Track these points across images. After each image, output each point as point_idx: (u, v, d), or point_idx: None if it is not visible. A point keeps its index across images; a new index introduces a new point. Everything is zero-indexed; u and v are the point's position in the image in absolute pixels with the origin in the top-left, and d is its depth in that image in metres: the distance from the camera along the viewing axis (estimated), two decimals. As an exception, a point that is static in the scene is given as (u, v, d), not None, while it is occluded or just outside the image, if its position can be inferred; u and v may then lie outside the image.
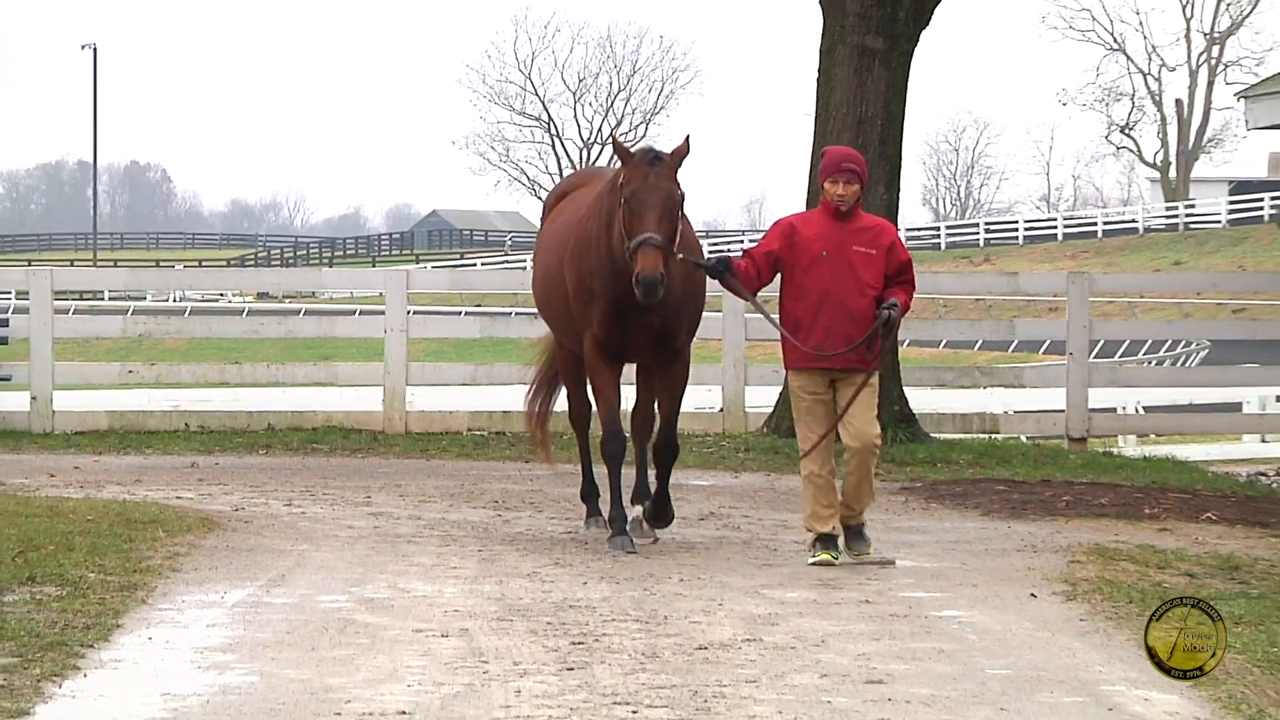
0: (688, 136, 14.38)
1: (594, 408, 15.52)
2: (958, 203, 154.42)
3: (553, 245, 15.45)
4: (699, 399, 25.07)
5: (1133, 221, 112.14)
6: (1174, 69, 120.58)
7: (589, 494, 15.91)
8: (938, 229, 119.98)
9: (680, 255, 13.96)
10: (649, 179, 13.88)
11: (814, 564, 13.92)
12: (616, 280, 14.18)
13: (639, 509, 15.26)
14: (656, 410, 15.35)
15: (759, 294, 14.45)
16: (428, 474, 19.87)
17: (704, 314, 15.57)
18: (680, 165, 14.18)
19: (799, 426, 14.17)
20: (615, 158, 14.37)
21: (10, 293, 44.86)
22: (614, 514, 14.87)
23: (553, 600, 12.85)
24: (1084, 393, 24.61)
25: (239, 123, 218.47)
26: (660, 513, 15.15)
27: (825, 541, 14.01)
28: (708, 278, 14.69)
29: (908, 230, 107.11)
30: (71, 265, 79.78)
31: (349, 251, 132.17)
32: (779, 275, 14.25)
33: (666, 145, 14.63)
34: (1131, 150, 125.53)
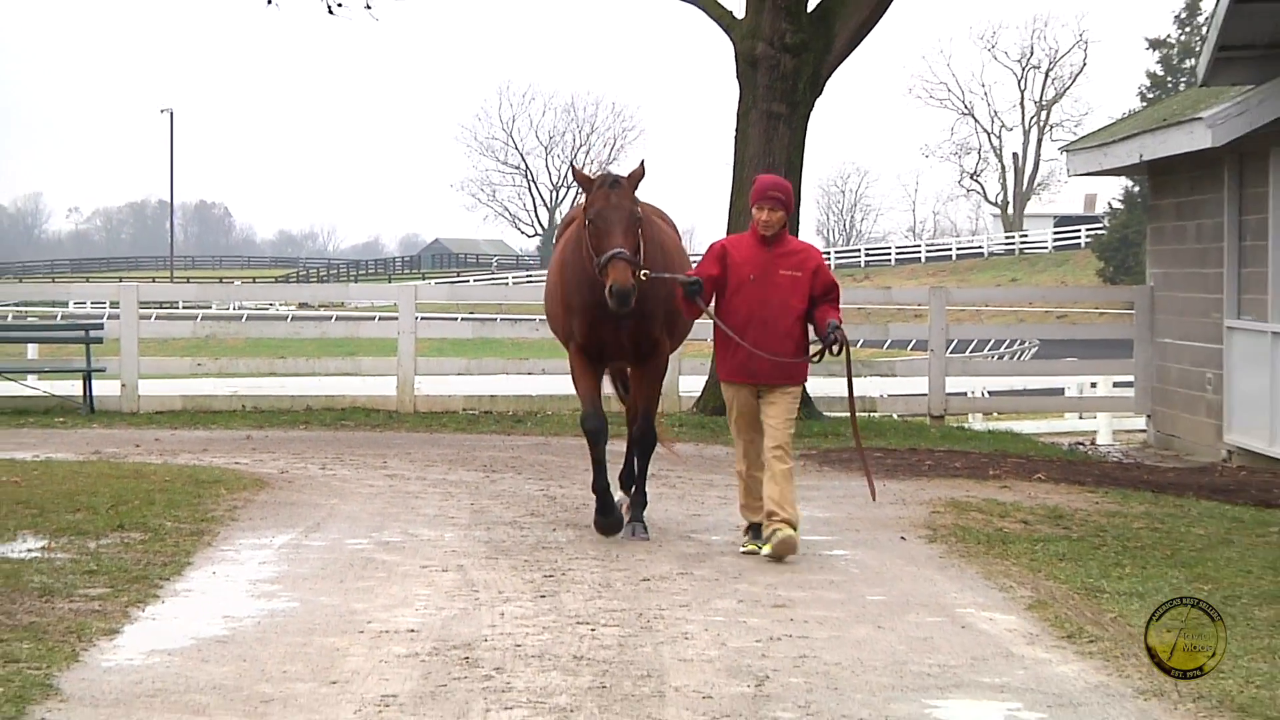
0: (642, 161, 12.71)
1: (602, 411, 13.29)
2: (844, 233, 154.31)
3: (551, 268, 13.75)
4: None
5: (979, 248, 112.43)
6: (1011, 129, 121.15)
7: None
8: (828, 254, 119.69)
9: (648, 272, 12.14)
10: (610, 200, 12.23)
11: (745, 552, 12.19)
12: (591, 294, 12.44)
13: (625, 496, 13.41)
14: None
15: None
16: (431, 444, 19.82)
17: None
18: (637, 186, 12.49)
19: (733, 431, 12.49)
20: (577, 185, 12.75)
21: (105, 303, 44.63)
22: (597, 483, 12.97)
23: (529, 542, 12.83)
24: (942, 380, 24.70)
25: (284, 169, 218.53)
26: (638, 499, 13.23)
27: (755, 531, 12.21)
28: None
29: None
30: (153, 281, 79.40)
31: (370, 271, 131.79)
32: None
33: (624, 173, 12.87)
34: (978, 192, 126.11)
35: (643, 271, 12.10)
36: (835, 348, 11.96)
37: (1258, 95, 20.73)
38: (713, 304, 12.42)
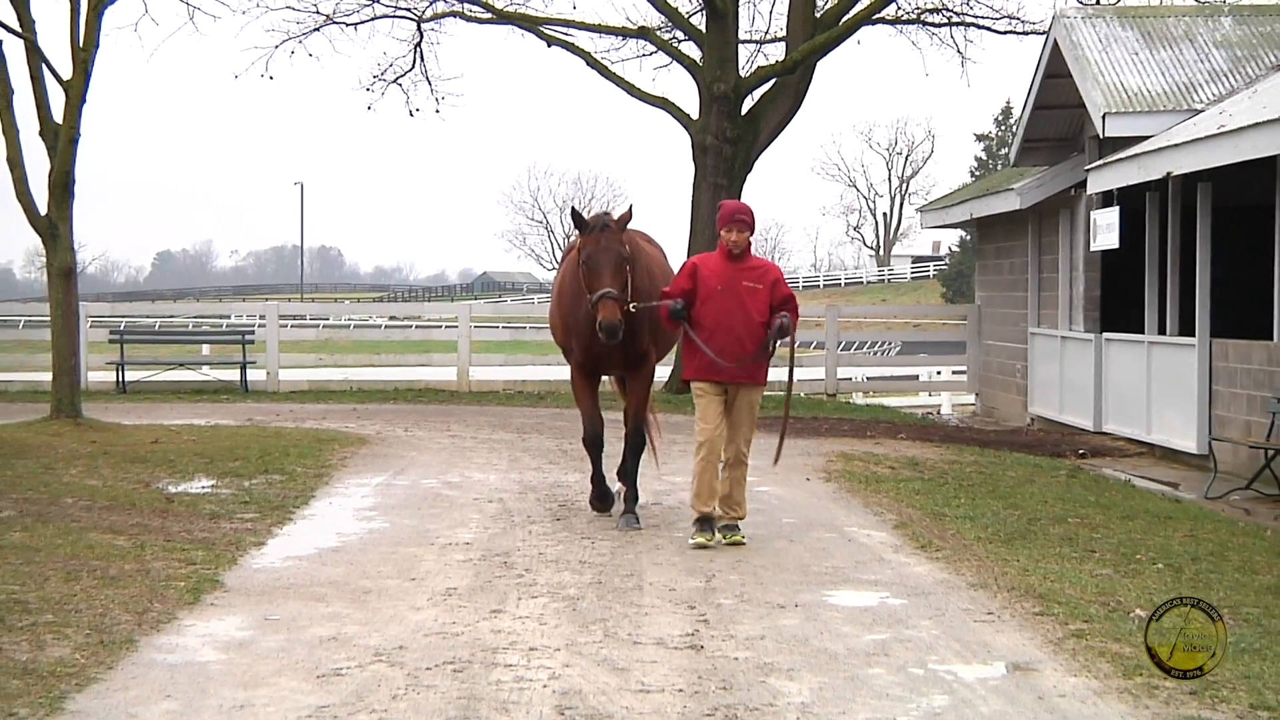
0: (630, 206, 10.36)
1: (600, 423, 10.97)
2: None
3: (555, 291, 11.35)
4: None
5: (860, 278, 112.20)
6: (882, 196, 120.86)
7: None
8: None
9: (635, 305, 10.06)
10: (600, 243, 10.03)
11: (694, 546, 9.71)
12: (589, 321, 10.20)
13: (621, 486, 11.09)
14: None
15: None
16: (481, 414, 19.80)
17: None
18: (625, 228, 10.21)
19: (698, 418, 9.99)
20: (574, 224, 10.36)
21: (256, 316, 44.55)
22: (597, 492, 11.03)
23: (550, 482, 12.82)
24: (835, 369, 24.77)
25: (379, 220, 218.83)
26: (630, 493, 10.85)
27: (703, 524, 9.84)
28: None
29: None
30: (289, 301, 79.06)
31: (438, 294, 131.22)
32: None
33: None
34: (859, 240, 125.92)
35: (631, 305, 10.02)
36: (779, 329, 9.88)
37: (1051, 173, 20.81)
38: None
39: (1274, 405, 13.92)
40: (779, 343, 10.09)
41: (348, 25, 24.94)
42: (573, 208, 10.76)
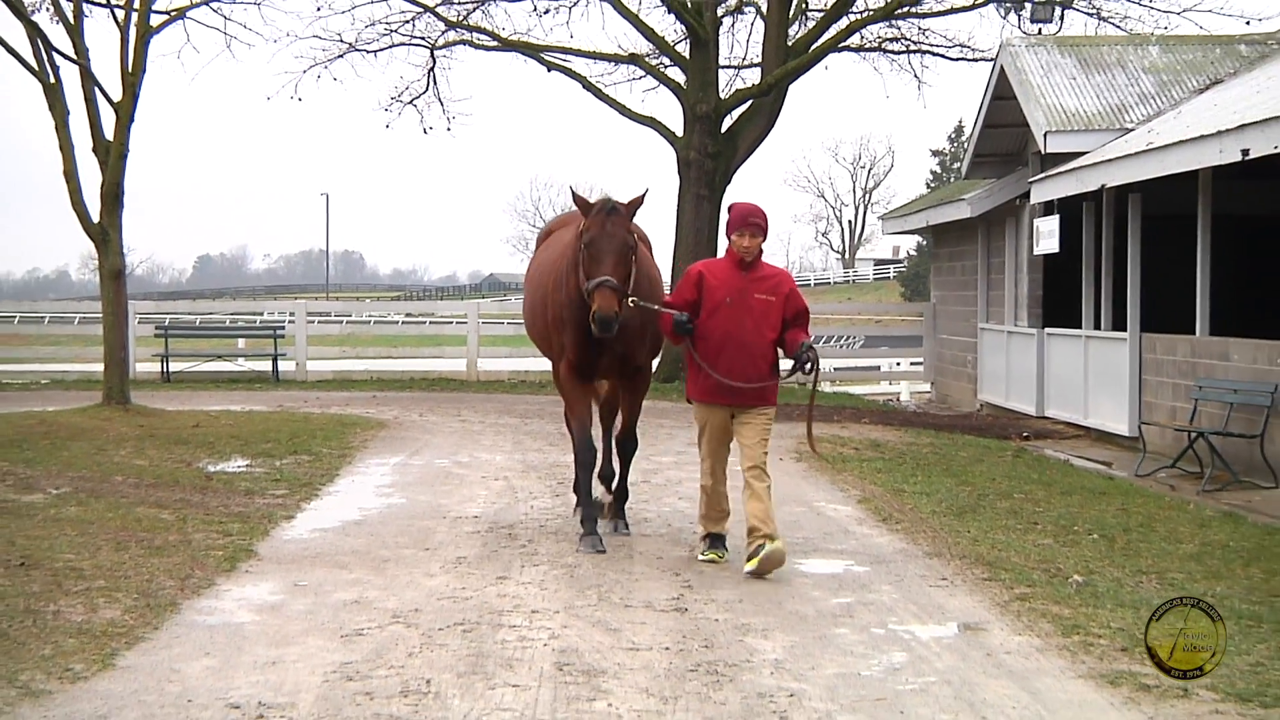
0: (646, 189, 8.42)
1: (579, 430, 8.85)
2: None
3: (535, 281, 9.32)
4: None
5: (828, 279, 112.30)
6: (847, 205, 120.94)
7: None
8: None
9: (635, 300, 8.17)
10: (605, 227, 8.14)
11: (704, 560, 8.31)
12: (583, 314, 8.27)
13: (607, 494, 9.52)
14: (620, 409, 9.42)
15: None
16: (488, 401, 19.78)
17: None
18: (634, 214, 8.32)
19: (701, 446, 8.39)
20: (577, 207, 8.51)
21: (286, 313, 44.45)
22: (585, 513, 8.78)
23: (549, 462, 12.81)
24: (805, 361, 24.74)
25: (397, 226, 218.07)
26: (620, 494, 9.41)
27: (714, 541, 8.40)
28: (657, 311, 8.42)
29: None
30: (315, 300, 78.95)
31: (450, 293, 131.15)
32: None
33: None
34: (827, 244, 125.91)
35: (630, 299, 8.16)
36: (807, 366, 8.08)
37: (999, 185, 20.83)
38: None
39: (1196, 392, 13.97)
40: (800, 376, 8.28)
41: (368, 53, 24.84)
42: (572, 188, 9.05)
